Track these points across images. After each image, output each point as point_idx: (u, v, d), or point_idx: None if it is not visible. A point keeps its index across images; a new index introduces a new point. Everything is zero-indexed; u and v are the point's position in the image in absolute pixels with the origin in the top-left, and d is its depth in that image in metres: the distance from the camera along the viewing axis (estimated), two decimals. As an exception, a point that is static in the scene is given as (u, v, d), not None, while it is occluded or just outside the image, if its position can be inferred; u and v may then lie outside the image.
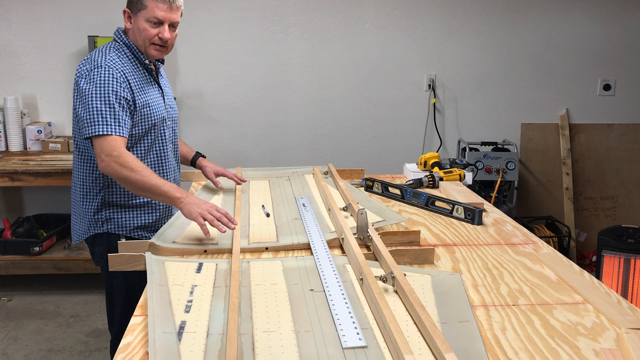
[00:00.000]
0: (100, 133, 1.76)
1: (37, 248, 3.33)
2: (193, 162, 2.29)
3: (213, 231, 1.72)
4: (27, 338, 2.97)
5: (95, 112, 1.78)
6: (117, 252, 1.52)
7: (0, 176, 3.12)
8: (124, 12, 1.91)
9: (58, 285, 3.53)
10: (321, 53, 3.77)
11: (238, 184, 2.23)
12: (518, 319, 1.25)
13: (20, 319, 3.16)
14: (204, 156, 2.31)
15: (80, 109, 1.81)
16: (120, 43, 1.93)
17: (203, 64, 3.72)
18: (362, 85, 3.85)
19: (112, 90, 1.80)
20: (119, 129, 1.79)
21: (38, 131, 3.52)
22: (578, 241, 4.04)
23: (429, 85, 3.86)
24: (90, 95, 1.79)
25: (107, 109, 1.78)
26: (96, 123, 1.77)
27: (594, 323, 1.24)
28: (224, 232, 1.65)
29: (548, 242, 3.54)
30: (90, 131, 1.77)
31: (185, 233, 1.73)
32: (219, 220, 1.66)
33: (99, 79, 1.80)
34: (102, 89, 1.79)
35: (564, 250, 3.72)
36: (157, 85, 2.02)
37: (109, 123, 1.77)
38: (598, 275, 3.14)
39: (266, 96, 3.81)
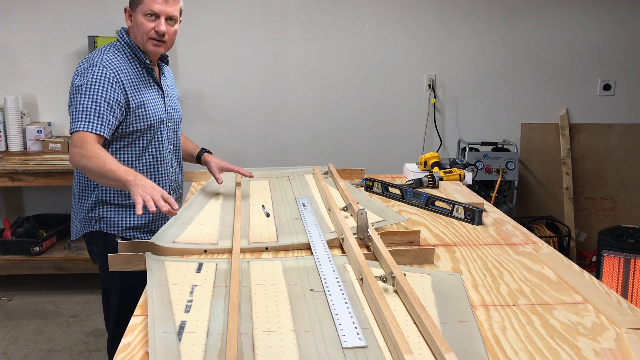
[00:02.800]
0: (80, 129, 1.78)
1: (37, 248, 3.32)
2: (198, 158, 2.25)
3: (212, 231, 1.72)
4: (27, 338, 2.97)
5: (80, 109, 1.80)
6: (116, 252, 1.52)
7: (0, 176, 3.12)
8: (125, 10, 1.92)
9: (58, 285, 3.53)
10: (321, 53, 3.77)
11: (246, 176, 2.17)
12: (518, 319, 1.25)
13: (20, 319, 3.16)
14: (209, 152, 2.28)
15: (70, 106, 1.85)
16: (122, 43, 1.94)
17: (203, 64, 3.72)
18: (362, 85, 3.85)
19: (102, 88, 1.82)
20: (99, 128, 1.80)
21: (38, 131, 3.52)
22: (578, 241, 4.04)
23: (429, 85, 3.85)
24: (79, 92, 1.82)
25: (92, 107, 1.80)
26: (78, 119, 1.79)
27: (594, 323, 1.24)
28: (153, 211, 1.55)
29: (548, 242, 3.54)
30: (72, 127, 1.80)
31: (185, 233, 1.72)
32: (154, 201, 1.56)
33: (91, 76, 1.82)
34: (91, 87, 1.81)
35: (564, 250, 3.72)
36: (157, 86, 2.02)
37: (91, 120, 1.79)
38: (598, 275, 3.14)
39: (266, 96, 3.80)
